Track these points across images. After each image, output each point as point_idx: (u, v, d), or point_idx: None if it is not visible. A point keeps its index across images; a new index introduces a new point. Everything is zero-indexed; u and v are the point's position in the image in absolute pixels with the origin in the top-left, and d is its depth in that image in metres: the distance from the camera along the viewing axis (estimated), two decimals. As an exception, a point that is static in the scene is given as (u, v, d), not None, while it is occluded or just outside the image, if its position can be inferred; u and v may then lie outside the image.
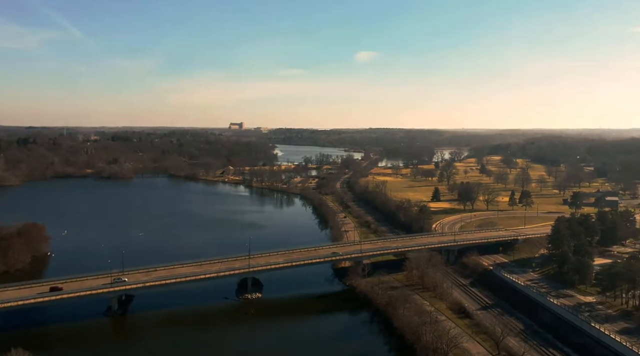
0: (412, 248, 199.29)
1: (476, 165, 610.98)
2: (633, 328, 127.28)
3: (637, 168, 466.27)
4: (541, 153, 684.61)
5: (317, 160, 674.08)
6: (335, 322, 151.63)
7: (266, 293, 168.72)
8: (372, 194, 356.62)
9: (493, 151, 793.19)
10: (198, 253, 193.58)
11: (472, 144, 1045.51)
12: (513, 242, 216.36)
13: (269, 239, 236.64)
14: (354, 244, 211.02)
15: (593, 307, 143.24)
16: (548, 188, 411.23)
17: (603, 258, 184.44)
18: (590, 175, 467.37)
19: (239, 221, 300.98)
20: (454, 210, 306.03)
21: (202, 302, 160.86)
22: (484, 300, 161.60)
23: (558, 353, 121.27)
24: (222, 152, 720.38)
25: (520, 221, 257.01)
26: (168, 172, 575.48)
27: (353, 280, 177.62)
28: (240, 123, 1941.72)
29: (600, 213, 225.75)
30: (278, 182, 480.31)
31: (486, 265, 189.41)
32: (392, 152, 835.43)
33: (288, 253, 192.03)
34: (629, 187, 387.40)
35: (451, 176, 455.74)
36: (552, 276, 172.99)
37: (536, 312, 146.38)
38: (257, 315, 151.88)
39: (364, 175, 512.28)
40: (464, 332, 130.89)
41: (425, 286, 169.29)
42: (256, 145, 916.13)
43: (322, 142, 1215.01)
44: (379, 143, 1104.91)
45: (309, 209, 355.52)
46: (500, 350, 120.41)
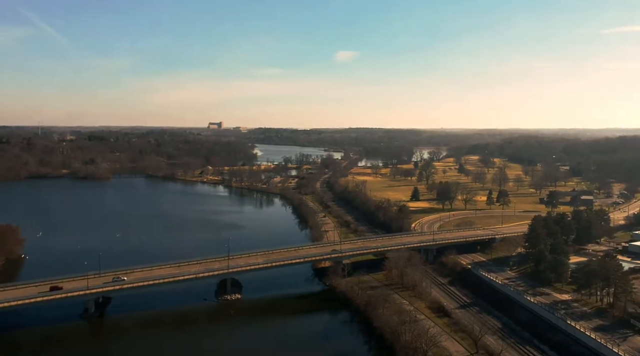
0: (392, 248, 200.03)
1: (455, 164, 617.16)
2: (607, 325, 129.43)
3: (611, 168, 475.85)
4: (518, 153, 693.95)
5: (296, 160, 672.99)
6: (315, 322, 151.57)
7: (246, 294, 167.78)
8: (352, 194, 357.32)
9: (471, 151, 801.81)
10: (176, 254, 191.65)
11: (451, 144, 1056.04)
12: (491, 241, 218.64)
13: (248, 239, 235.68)
14: (333, 244, 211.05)
15: (569, 305, 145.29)
16: (525, 187, 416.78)
17: (579, 257, 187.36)
18: (565, 175, 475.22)
19: (218, 221, 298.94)
20: (433, 209, 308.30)
21: (181, 304, 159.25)
22: (462, 298, 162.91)
23: (535, 350, 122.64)
24: (201, 152, 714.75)
25: (498, 220, 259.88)
26: (146, 172, 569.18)
27: (333, 280, 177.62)
28: (219, 123, 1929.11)
29: (575, 212, 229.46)
30: (257, 181, 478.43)
31: (464, 264, 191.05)
32: (371, 152, 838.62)
33: (268, 253, 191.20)
34: (603, 186, 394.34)
35: (430, 176, 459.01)
36: (529, 275, 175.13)
37: (514, 310, 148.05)
38: (236, 316, 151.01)
39: (344, 174, 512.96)
40: (443, 331, 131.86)
41: (405, 286, 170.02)
42: (235, 144, 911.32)
43: (302, 142, 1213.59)
44: (358, 143, 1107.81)
45: (289, 209, 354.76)
46: (479, 349, 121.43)
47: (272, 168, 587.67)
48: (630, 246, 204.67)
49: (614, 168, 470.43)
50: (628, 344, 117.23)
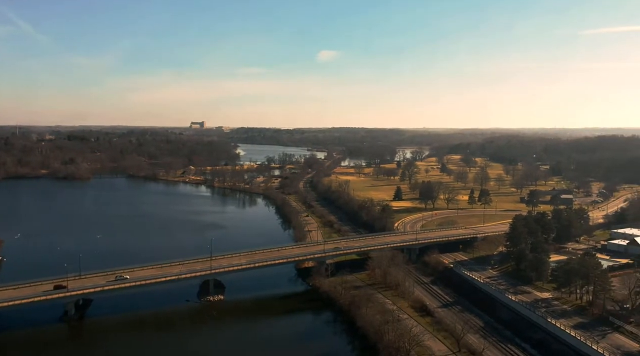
0: (375, 248, 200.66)
1: (437, 164, 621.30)
2: (587, 323, 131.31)
3: (591, 167, 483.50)
4: (499, 153, 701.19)
5: (279, 160, 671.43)
6: (299, 323, 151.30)
7: (228, 295, 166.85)
8: (335, 194, 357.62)
9: (453, 150, 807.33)
10: (158, 255, 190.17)
11: (433, 143, 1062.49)
12: (473, 240, 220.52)
13: (231, 240, 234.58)
14: (317, 244, 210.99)
15: (549, 303, 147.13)
16: (506, 186, 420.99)
17: (559, 255, 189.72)
18: (546, 174, 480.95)
19: (201, 222, 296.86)
20: (416, 208, 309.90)
21: (163, 305, 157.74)
22: (444, 297, 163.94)
23: (516, 349, 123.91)
24: (183, 152, 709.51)
25: (480, 219, 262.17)
26: (127, 172, 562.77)
27: (316, 280, 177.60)
28: (202, 123, 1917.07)
29: (555, 211, 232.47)
30: (240, 181, 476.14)
31: (447, 263, 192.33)
32: (354, 152, 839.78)
33: (251, 254, 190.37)
34: (583, 185, 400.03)
35: (413, 175, 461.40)
36: (510, 273, 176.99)
37: (495, 309, 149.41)
38: (219, 317, 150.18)
39: (327, 174, 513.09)
40: (425, 330, 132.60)
41: (388, 285, 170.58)
42: (218, 144, 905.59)
43: (285, 142, 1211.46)
44: (341, 143, 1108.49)
45: (272, 209, 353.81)
46: (461, 347, 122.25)
47: (255, 168, 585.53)
48: (609, 244, 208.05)
49: (593, 168, 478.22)
50: (607, 341, 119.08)
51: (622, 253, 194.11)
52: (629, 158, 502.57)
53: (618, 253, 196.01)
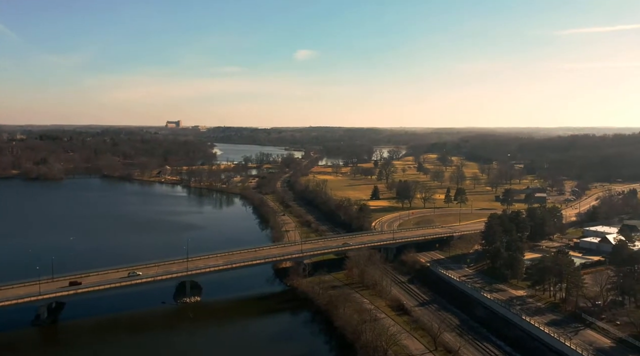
0: (352, 247, 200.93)
1: (414, 163, 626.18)
2: (560, 320, 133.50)
3: (564, 166, 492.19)
4: (475, 151, 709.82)
5: (257, 159, 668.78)
6: (276, 323, 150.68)
7: (205, 296, 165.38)
8: (313, 193, 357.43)
9: (430, 149, 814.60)
10: (133, 257, 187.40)
11: (410, 143, 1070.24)
12: (449, 238, 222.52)
13: (208, 241, 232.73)
14: (294, 244, 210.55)
15: (524, 301, 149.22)
16: (481, 185, 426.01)
17: (533, 253, 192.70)
18: (520, 173, 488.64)
19: (177, 222, 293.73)
20: (393, 208, 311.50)
21: (138, 308, 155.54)
22: (421, 296, 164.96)
23: (492, 346, 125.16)
24: (159, 151, 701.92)
25: (456, 218, 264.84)
26: (101, 172, 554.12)
27: (294, 280, 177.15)
28: (178, 122, 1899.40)
29: (530, 210, 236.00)
30: (217, 181, 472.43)
31: (423, 262, 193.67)
32: (332, 151, 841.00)
33: (228, 255, 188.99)
34: (556, 183, 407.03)
35: (390, 174, 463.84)
36: (485, 272, 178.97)
37: (471, 307, 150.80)
38: (196, 319, 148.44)
39: (305, 174, 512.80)
40: (403, 329, 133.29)
41: (365, 285, 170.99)
42: (194, 144, 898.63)
43: (262, 141, 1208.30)
44: (319, 142, 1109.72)
45: (249, 209, 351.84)
46: (438, 346, 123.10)
47: (231, 167, 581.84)
48: (581, 242, 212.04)
49: (566, 166, 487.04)
50: (579, 338, 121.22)
51: (594, 251, 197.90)
52: (601, 157, 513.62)
53: (590, 250, 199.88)
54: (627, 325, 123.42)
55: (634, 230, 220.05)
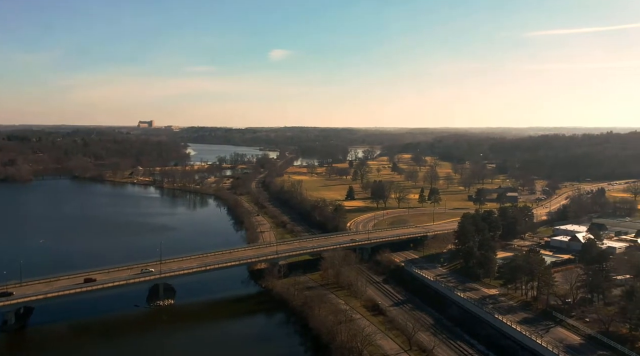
0: (328, 248, 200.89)
1: (388, 163, 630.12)
2: (532, 318, 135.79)
3: (534, 165, 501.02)
4: (448, 151, 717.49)
5: (231, 160, 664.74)
6: (251, 325, 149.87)
7: (179, 299, 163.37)
8: (288, 194, 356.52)
9: (404, 149, 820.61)
10: (105, 260, 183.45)
11: (385, 143, 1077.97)
12: (423, 238, 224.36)
13: (181, 242, 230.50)
14: (269, 245, 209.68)
15: (496, 299, 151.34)
16: (454, 185, 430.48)
17: (505, 252, 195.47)
18: (492, 172, 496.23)
19: (150, 224, 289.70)
20: (368, 208, 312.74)
21: (110, 311, 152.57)
22: (396, 296, 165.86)
23: (465, 345, 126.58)
24: (131, 152, 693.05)
25: (430, 217, 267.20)
26: (72, 173, 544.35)
27: (269, 281, 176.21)
28: (150, 122, 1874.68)
29: (501, 209, 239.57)
30: (191, 182, 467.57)
31: (398, 262, 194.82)
32: (307, 151, 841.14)
33: (202, 257, 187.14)
34: (527, 183, 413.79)
35: (365, 175, 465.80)
36: (459, 271, 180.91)
37: (445, 306, 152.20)
38: (169, 322, 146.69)
39: (280, 174, 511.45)
40: (378, 329, 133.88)
41: (341, 285, 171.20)
42: (167, 144, 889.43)
43: (237, 141, 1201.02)
44: (294, 142, 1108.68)
45: (224, 210, 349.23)
46: (412, 345, 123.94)
47: (205, 168, 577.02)
48: (552, 241, 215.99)
49: (536, 166, 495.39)
50: (550, 335, 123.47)
51: (564, 249, 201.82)
52: (570, 157, 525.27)
53: (560, 249, 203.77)
54: (596, 322, 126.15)
55: (602, 228, 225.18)
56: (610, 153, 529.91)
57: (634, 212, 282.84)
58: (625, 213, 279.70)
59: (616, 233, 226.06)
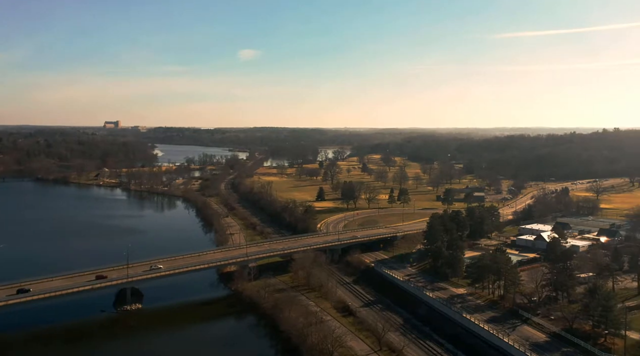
0: (298, 249, 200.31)
1: (358, 163, 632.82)
2: (498, 316, 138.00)
3: (500, 165, 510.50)
4: (417, 152, 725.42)
5: (200, 161, 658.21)
6: (221, 329, 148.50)
7: (147, 303, 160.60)
8: (258, 195, 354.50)
9: (373, 150, 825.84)
10: (70, 264, 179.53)
11: (354, 143, 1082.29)
12: (393, 238, 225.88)
13: (149, 245, 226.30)
14: (239, 247, 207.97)
15: (464, 298, 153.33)
16: (423, 185, 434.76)
17: (472, 251, 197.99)
18: (460, 172, 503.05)
19: (116, 227, 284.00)
20: (338, 209, 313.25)
21: (75, 317, 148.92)
22: (366, 296, 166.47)
23: (434, 344, 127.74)
24: (96, 153, 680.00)
25: (399, 218, 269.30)
26: (34, 175, 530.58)
27: (239, 284, 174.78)
28: (116, 122, 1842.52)
29: (469, 209, 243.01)
30: (158, 184, 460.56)
31: (368, 263, 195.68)
32: (277, 152, 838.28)
33: (170, 260, 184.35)
34: (493, 182, 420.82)
35: (335, 175, 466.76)
36: (427, 271, 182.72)
37: (414, 306, 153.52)
38: (137, 327, 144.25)
39: (249, 175, 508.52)
40: (348, 331, 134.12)
41: (311, 287, 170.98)
42: (134, 145, 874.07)
43: (205, 142, 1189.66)
44: (263, 143, 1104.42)
45: (192, 212, 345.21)
46: (382, 346, 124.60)
47: (173, 169, 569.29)
48: (517, 240, 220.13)
49: (502, 166, 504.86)
50: (517, 333, 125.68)
51: (530, 248, 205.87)
52: (535, 157, 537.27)
53: (526, 248, 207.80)
54: (560, 320, 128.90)
55: (566, 227, 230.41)
56: (573, 153, 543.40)
57: (596, 211, 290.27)
58: (588, 212, 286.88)
59: (579, 232, 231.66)
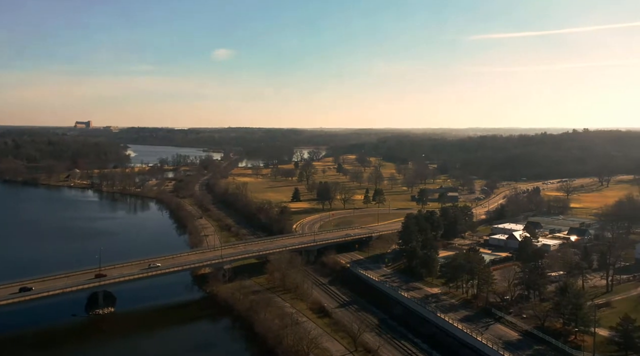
0: (274, 251, 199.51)
1: (333, 164, 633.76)
2: (472, 315, 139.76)
3: (473, 165, 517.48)
4: (392, 152, 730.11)
5: (173, 161, 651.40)
6: (195, 332, 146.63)
7: (120, 307, 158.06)
8: (233, 196, 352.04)
9: (349, 150, 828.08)
10: (40, 268, 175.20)
11: (330, 143, 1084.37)
12: (368, 239, 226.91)
13: (122, 248, 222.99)
14: (214, 249, 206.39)
15: (439, 298, 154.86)
16: (398, 185, 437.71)
17: (446, 251, 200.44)
18: (434, 172, 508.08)
19: (88, 229, 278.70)
20: (314, 209, 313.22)
21: (46, 322, 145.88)
22: (342, 297, 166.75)
23: (409, 344, 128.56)
24: (67, 154, 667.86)
25: (374, 218, 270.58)
26: (2, 177, 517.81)
27: (213, 286, 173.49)
28: (88, 122, 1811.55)
29: (443, 209, 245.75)
30: (131, 185, 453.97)
31: (344, 263, 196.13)
32: (252, 152, 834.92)
33: (143, 262, 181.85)
34: (467, 182, 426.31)
35: (310, 176, 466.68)
36: (402, 271, 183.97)
37: (390, 306, 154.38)
38: (109, 331, 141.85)
39: (224, 176, 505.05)
40: (324, 332, 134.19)
41: (287, 288, 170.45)
42: (106, 145, 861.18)
43: (179, 142, 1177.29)
44: (238, 143, 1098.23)
45: (166, 214, 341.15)
46: (358, 347, 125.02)
47: (146, 170, 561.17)
48: (490, 239, 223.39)
49: (475, 166, 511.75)
50: (490, 332, 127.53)
51: (502, 247, 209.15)
52: (507, 157, 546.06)
53: (499, 247, 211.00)
54: (532, 318, 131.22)
55: (537, 226, 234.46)
56: (544, 153, 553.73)
57: (566, 210, 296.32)
58: (559, 212, 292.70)
59: (550, 231, 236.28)
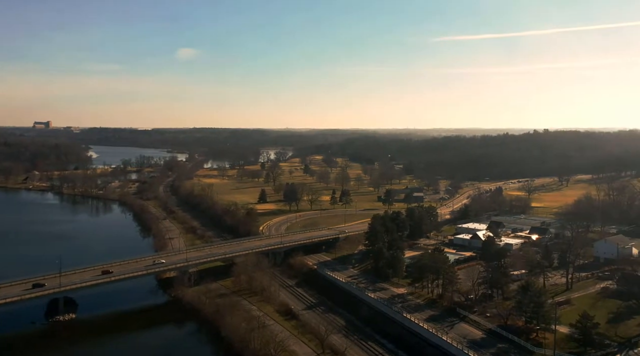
0: (240, 253, 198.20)
1: (300, 165, 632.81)
2: (437, 315, 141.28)
3: (438, 166, 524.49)
4: (358, 153, 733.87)
5: (137, 163, 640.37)
6: (160, 337, 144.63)
7: (82, 313, 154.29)
8: (198, 198, 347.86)
9: (316, 151, 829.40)
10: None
11: (296, 144, 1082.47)
12: (335, 240, 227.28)
13: (84, 252, 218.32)
14: (179, 252, 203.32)
15: (405, 298, 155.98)
16: (364, 186, 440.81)
17: (412, 251, 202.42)
18: (400, 173, 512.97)
19: (48, 233, 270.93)
20: (281, 211, 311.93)
21: (2, 330, 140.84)
22: (309, 299, 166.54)
23: (376, 345, 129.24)
24: (25, 155, 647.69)
25: (341, 219, 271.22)
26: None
27: (179, 290, 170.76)
28: (47, 123, 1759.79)
29: (409, 209, 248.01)
30: (93, 187, 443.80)
31: (311, 265, 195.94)
32: (217, 153, 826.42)
33: (106, 266, 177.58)
34: (432, 183, 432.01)
35: (277, 177, 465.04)
36: (369, 271, 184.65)
37: (357, 307, 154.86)
38: (71, 338, 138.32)
39: (189, 177, 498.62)
40: (291, 334, 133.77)
41: (253, 291, 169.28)
42: (66, 146, 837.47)
43: (143, 143, 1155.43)
44: (204, 144, 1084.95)
45: (129, 216, 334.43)
46: (325, 349, 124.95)
47: (109, 172, 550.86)
48: (455, 239, 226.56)
49: (440, 166, 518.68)
50: (455, 331, 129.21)
51: (466, 247, 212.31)
52: (470, 157, 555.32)
53: (463, 246, 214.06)
54: (496, 317, 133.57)
55: (500, 226, 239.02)
56: (506, 154, 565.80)
57: (527, 209, 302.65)
58: (520, 211, 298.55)
59: (512, 230, 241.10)
